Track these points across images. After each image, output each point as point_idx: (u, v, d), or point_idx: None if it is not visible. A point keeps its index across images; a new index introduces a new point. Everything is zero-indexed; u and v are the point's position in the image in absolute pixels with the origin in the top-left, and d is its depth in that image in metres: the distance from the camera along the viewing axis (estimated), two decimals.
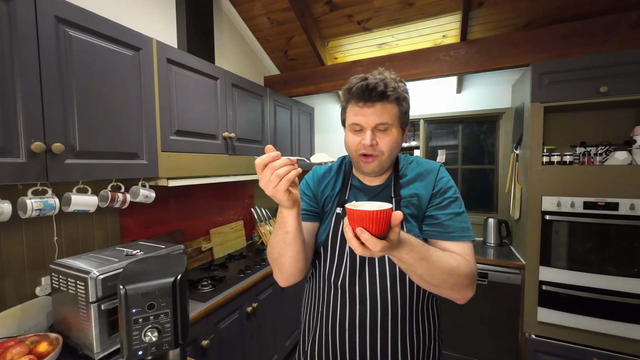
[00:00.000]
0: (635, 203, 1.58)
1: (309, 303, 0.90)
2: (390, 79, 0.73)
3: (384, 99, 0.71)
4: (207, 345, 1.39)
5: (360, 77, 0.74)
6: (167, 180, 1.46)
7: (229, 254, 2.24)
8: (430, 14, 2.12)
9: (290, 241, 0.70)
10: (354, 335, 0.77)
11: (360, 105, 0.73)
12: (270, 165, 0.58)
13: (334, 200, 0.84)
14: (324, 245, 0.82)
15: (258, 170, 0.59)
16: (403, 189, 0.80)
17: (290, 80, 2.77)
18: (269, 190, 0.59)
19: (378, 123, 0.72)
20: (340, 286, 0.79)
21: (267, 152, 0.59)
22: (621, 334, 1.62)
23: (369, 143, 0.72)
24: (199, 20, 1.86)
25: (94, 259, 1.15)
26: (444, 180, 0.79)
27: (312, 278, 0.89)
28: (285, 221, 0.68)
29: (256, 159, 0.59)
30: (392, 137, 0.74)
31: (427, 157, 2.81)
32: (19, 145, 0.94)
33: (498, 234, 2.34)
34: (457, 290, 0.69)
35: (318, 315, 0.84)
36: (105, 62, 1.19)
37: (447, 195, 0.77)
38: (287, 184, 0.58)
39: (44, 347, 0.99)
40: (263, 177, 0.59)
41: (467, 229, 0.75)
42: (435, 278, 0.64)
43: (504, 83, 2.41)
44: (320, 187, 0.87)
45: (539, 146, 1.80)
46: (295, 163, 0.60)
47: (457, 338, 2.12)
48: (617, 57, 1.64)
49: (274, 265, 0.78)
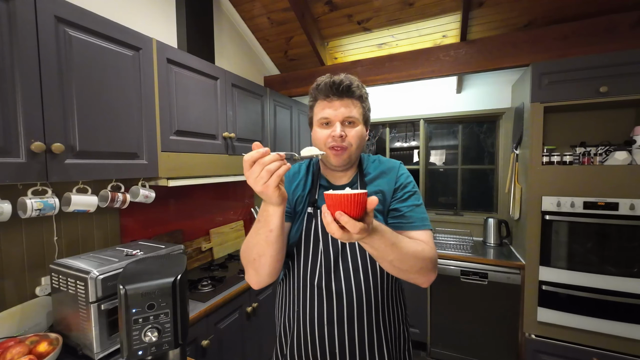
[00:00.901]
0: (635, 203, 1.58)
1: (284, 305, 0.89)
2: (354, 79, 0.79)
3: (350, 94, 0.78)
4: (207, 345, 1.39)
5: (327, 76, 0.80)
6: (167, 180, 1.46)
7: (229, 254, 2.24)
8: (430, 14, 2.12)
9: (273, 239, 0.70)
10: (333, 329, 0.80)
11: (329, 100, 0.78)
12: (260, 161, 0.57)
13: (305, 200, 0.87)
14: (297, 244, 0.84)
15: (246, 167, 0.59)
16: (368, 186, 0.84)
17: (290, 80, 2.77)
18: (258, 187, 0.59)
19: (346, 116, 0.77)
20: (317, 284, 0.81)
21: (255, 149, 0.59)
22: (621, 334, 1.63)
23: (339, 134, 0.76)
24: (199, 20, 1.86)
25: (94, 259, 1.15)
26: (404, 176, 0.86)
27: (286, 279, 0.89)
28: (270, 219, 0.67)
29: (244, 156, 0.58)
30: (358, 131, 0.79)
31: (427, 157, 2.82)
32: (18, 145, 0.94)
33: (498, 234, 2.34)
34: (422, 274, 0.72)
35: (295, 315, 0.85)
36: (105, 62, 1.19)
37: (407, 190, 0.83)
38: (277, 179, 0.58)
39: (44, 347, 0.99)
40: (252, 173, 0.58)
41: (426, 219, 0.81)
42: (405, 263, 0.68)
43: (504, 83, 2.41)
44: (291, 187, 0.88)
45: (539, 146, 1.80)
46: (284, 159, 0.60)
47: (457, 338, 2.12)
48: (617, 57, 1.64)
49: (251, 266, 0.76)
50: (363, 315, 0.80)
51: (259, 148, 0.59)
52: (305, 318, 0.83)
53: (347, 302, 0.79)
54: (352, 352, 0.80)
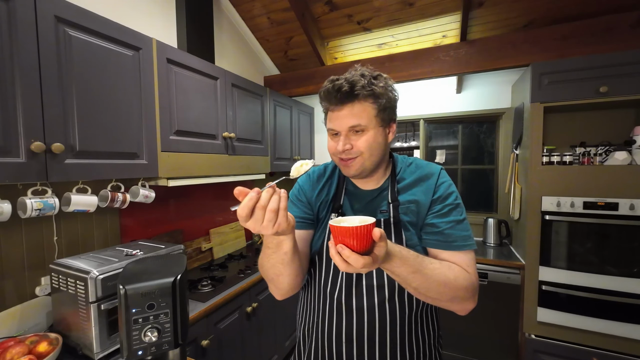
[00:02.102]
0: (634, 203, 1.58)
1: (304, 314, 0.86)
2: (359, 77, 0.68)
3: (352, 99, 0.67)
4: (207, 345, 1.39)
5: (330, 79, 0.70)
6: (167, 180, 1.46)
7: (228, 254, 2.24)
8: (430, 14, 2.12)
9: (289, 260, 0.66)
10: (352, 348, 0.74)
11: (332, 109, 0.71)
12: (259, 205, 0.52)
13: (328, 206, 0.81)
14: (319, 253, 0.79)
15: (244, 220, 0.52)
16: (401, 194, 0.76)
17: (290, 80, 2.77)
18: (269, 231, 0.53)
19: (350, 126, 0.68)
20: (336, 298, 0.76)
21: (240, 196, 0.52)
22: (621, 334, 1.63)
23: (342, 148, 0.69)
24: (199, 20, 1.86)
25: (94, 259, 1.15)
26: (444, 186, 0.75)
27: (307, 287, 0.85)
28: (281, 245, 0.64)
29: (237, 210, 0.52)
30: (369, 137, 0.69)
31: (427, 157, 2.81)
32: (18, 145, 0.94)
33: (498, 234, 2.34)
34: (456, 303, 0.67)
35: (313, 327, 0.81)
36: (105, 62, 1.19)
37: (448, 202, 0.73)
38: (285, 212, 0.54)
39: (44, 347, 0.99)
40: (256, 221, 0.52)
41: (469, 237, 0.71)
42: (432, 291, 0.62)
43: (503, 83, 2.41)
44: (314, 192, 0.82)
45: (538, 146, 1.80)
46: (276, 188, 0.54)
47: (457, 338, 2.12)
48: (617, 57, 1.64)
49: (271, 283, 0.74)
50: (386, 337, 0.73)
51: (242, 194, 0.52)
52: (324, 332, 0.78)
53: (368, 320, 0.73)
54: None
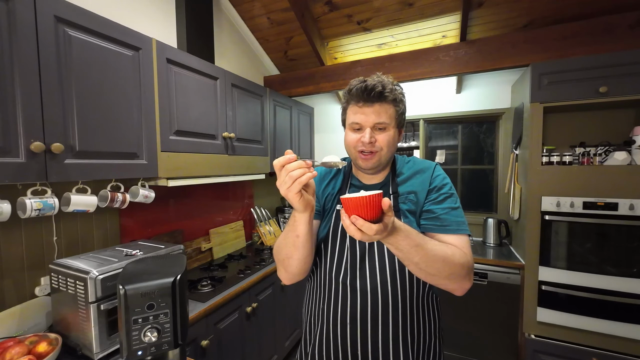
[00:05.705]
0: (634, 203, 1.58)
1: (311, 302, 0.91)
2: (388, 82, 0.77)
3: (381, 99, 0.76)
4: (207, 345, 1.39)
5: (360, 80, 0.79)
6: (166, 180, 1.46)
7: (228, 254, 2.23)
8: (430, 14, 2.12)
9: (300, 245, 0.73)
10: (356, 329, 0.79)
11: (360, 105, 0.78)
12: (286, 167, 0.60)
13: (334, 198, 0.88)
14: (324, 241, 0.85)
15: (277, 171, 0.62)
16: (400, 187, 0.84)
17: (289, 80, 2.77)
18: (282, 191, 0.62)
19: (376, 122, 0.76)
20: (341, 280, 0.81)
21: (286, 154, 0.62)
22: (621, 334, 1.63)
23: (368, 140, 0.76)
24: (198, 20, 1.86)
25: (94, 259, 1.15)
26: (440, 178, 0.83)
27: (313, 276, 0.90)
28: (297, 225, 0.70)
29: (274, 160, 0.62)
30: (389, 135, 0.78)
31: (427, 157, 2.82)
32: (18, 145, 0.94)
33: (497, 234, 2.34)
34: (453, 280, 0.71)
35: (321, 311, 0.86)
36: (105, 62, 1.18)
37: (443, 191, 0.81)
38: (299, 186, 0.60)
39: (44, 347, 0.99)
40: (279, 177, 0.61)
41: (463, 223, 0.77)
42: (431, 266, 0.66)
43: (503, 83, 2.41)
44: (321, 186, 0.90)
45: (538, 146, 1.81)
46: (311, 166, 0.62)
47: (456, 338, 2.12)
48: (616, 57, 1.64)
49: (281, 264, 0.80)
50: (388, 318, 0.78)
51: (289, 154, 0.61)
52: (329, 315, 0.83)
53: (371, 301, 0.78)
54: (374, 354, 0.78)
